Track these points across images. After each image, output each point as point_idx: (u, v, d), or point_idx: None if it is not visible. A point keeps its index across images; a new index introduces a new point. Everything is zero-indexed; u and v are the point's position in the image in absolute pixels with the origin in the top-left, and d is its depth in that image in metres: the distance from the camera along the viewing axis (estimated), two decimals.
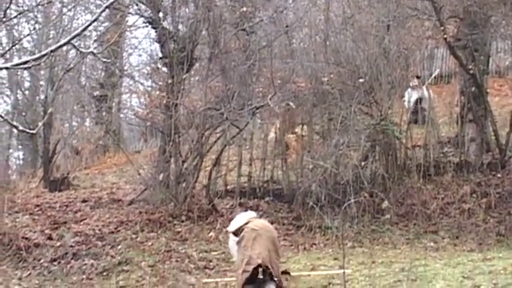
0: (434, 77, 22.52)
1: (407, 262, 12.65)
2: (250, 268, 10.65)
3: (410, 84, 20.05)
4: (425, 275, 11.88)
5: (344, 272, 10.61)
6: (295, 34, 19.21)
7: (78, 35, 6.48)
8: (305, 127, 17.56)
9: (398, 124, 16.98)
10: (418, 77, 20.37)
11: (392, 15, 17.14)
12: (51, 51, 6.22)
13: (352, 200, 14.33)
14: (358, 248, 14.60)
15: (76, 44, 7.56)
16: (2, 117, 6.91)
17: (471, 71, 16.66)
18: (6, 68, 7.92)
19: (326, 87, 16.78)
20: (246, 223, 11.10)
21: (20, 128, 6.83)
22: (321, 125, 17.48)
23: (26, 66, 6.51)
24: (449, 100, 19.30)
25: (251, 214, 11.66)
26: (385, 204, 15.50)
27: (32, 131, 7.11)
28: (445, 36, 16.23)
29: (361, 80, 16.36)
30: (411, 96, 20.10)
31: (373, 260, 13.31)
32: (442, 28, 16.23)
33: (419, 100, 19.75)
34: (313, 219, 15.37)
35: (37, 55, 6.07)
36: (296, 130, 18.02)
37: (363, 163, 16.29)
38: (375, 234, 15.21)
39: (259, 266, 10.62)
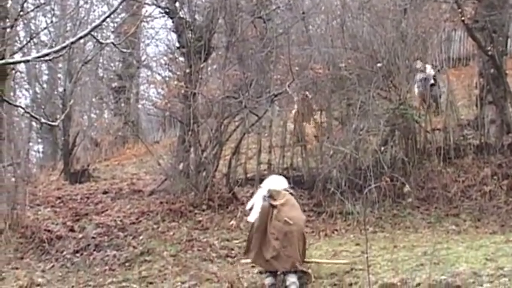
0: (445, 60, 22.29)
1: (430, 246, 12.58)
2: (280, 267, 11.57)
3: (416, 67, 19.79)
4: (448, 258, 11.83)
5: (367, 257, 10.58)
6: (312, 20, 19.17)
7: (98, 26, 6.49)
8: (324, 113, 17.54)
9: (417, 108, 16.91)
10: (419, 59, 20.04)
11: None
12: (72, 43, 6.23)
13: (373, 185, 14.29)
14: (379, 233, 14.56)
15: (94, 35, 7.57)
16: (24, 110, 6.96)
17: (490, 53, 16.55)
18: (27, 61, 7.96)
19: (344, 72, 16.74)
20: (282, 196, 11.60)
21: (42, 120, 6.86)
22: (340, 110, 17.45)
23: (46, 58, 6.52)
24: (468, 82, 19.19)
25: (285, 183, 12.17)
26: (406, 188, 15.46)
27: (53, 123, 7.12)
28: (462, 18, 16.12)
29: (379, 65, 16.30)
30: (417, 77, 19.77)
31: (395, 244, 13.26)
32: (459, 10, 16.14)
33: (424, 80, 19.47)
34: (334, 205, 15.36)
35: (57, 47, 6.08)
36: (315, 117, 17.98)
37: (382, 148, 16.23)
38: (396, 218, 15.18)
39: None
